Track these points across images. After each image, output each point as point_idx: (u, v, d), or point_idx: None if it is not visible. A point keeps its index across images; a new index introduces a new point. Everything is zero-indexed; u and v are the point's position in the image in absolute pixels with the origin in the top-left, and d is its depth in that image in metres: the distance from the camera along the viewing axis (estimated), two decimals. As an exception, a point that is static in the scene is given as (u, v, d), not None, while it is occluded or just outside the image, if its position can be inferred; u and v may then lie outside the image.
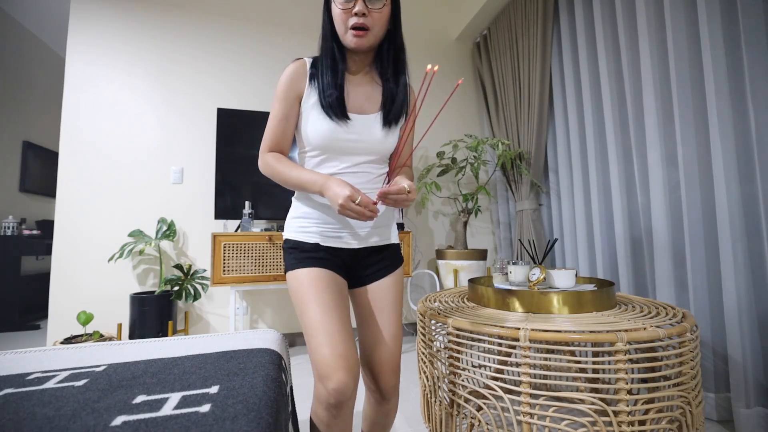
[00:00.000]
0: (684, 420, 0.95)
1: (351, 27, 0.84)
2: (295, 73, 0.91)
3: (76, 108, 2.34)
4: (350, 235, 0.92)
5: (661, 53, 1.68)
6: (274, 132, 0.91)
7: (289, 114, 0.90)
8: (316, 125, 0.87)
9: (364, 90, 0.94)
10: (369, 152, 0.92)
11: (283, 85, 0.91)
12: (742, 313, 1.35)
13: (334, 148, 0.89)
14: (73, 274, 2.26)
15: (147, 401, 0.65)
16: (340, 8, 0.84)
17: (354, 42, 0.85)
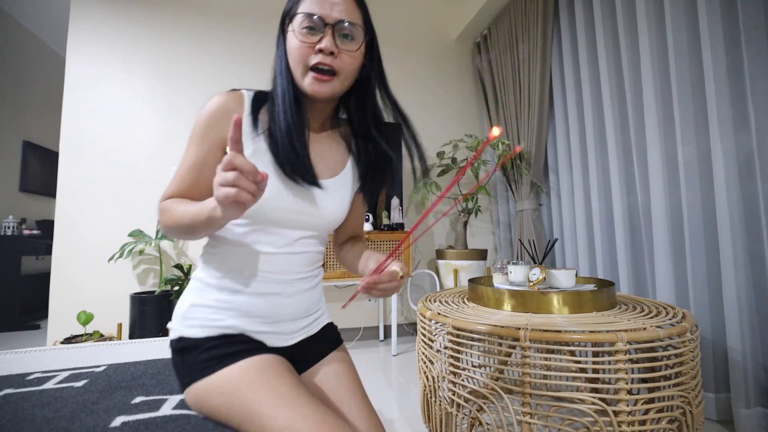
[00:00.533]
0: (684, 420, 0.95)
1: (312, 67, 0.65)
2: (225, 108, 0.67)
3: (76, 108, 2.34)
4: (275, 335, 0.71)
5: (661, 52, 1.68)
6: (181, 182, 0.66)
7: (205, 162, 0.66)
8: None
9: (321, 149, 0.75)
10: (314, 227, 0.72)
11: (204, 122, 0.66)
12: (742, 313, 1.35)
13: (273, 219, 0.67)
14: (73, 274, 2.26)
15: (146, 401, 0.65)
16: (300, 39, 0.64)
17: (313, 88, 0.65)
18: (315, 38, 0.64)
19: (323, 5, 0.64)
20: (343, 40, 0.66)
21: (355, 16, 0.68)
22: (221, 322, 0.66)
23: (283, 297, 0.71)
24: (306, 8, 0.64)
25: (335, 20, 0.64)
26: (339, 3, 0.65)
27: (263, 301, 0.69)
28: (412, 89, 3.03)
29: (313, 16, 0.63)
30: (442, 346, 1.14)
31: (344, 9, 0.65)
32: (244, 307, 0.67)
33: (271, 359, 0.64)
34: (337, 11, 0.65)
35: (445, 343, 1.12)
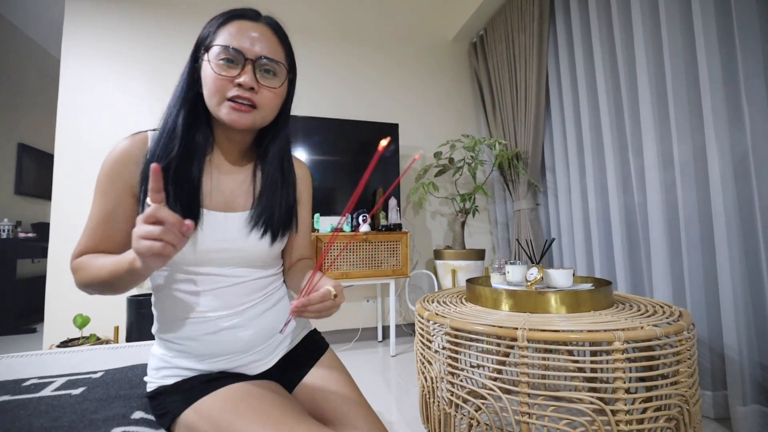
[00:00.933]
0: (681, 418, 0.95)
1: (230, 98, 0.62)
2: (128, 154, 0.63)
3: (71, 110, 2.33)
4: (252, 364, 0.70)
5: (656, 52, 1.69)
6: (92, 237, 0.62)
7: (115, 213, 0.63)
8: None
9: (240, 179, 0.71)
10: (241, 261, 0.69)
11: (108, 172, 0.63)
12: (738, 311, 1.36)
13: (202, 260, 0.65)
14: (69, 277, 2.23)
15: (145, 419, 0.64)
16: (217, 72, 0.61)
17: (231, 118, 0.62)
18: (234, 72, 0.62)
19: (243, 38, 0.62)
20: (264, 75, 0.64)
21: (278, 52, 0.66)
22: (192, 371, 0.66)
23: (240, 329, 0.68)
24: (224, 40, 0.62)
25: (256, 56, 0.62)
26: (260, 38, 0.63)
27: (221, 337, 0.66)
28: (409, 89, 3.03)
29: (231, 49, 0.61)
30: (441, 347, 1.14)
31: (266, 44, 0.64)
32: (207, 350, 0.66)
33: (253, 385, 0.64)
34: (259, 47, 0.63)
35: (443, 344, 1.13)
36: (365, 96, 2.89)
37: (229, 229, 0.67)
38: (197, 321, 0.66)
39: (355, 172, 2.58)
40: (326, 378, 0.73)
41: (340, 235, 2.26)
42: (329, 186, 2.52)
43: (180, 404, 0.62)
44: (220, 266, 0.67)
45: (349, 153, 2.59)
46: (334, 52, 2.86)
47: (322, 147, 2.53)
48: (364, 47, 2.93)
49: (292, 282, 0.77)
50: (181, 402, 0.62)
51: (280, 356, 0.74)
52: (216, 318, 0.66)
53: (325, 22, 2.87)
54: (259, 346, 0.71)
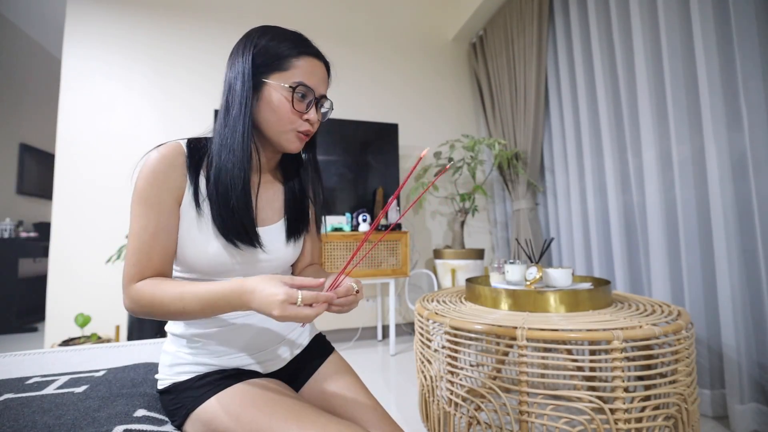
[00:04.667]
0: (680, 416, 0.96)
1: (300, 131, 0.67)
2: (169, 160, 0.63)
3: (72, 110, 2.33)
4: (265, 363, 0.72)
5: (654, 53, 1.69)
6: (147, 252, 0.61)
7: (167, 224, 0.62)
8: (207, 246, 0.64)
9: (267, 195, 0.74)
10: (268, 270, 0.71)
11: (152, 180, 0.61)
12: (736, 310, 1.37)
13: (223, 273, 0.67)
14: (71, 276, 2.25)
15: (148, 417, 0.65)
16: (292, 105, 0.65)
17: (294, 146, 0.68)
18: (303, 105, 0.66)
19: (315, 77, 0.67)
20: (319, 111, 0.70)
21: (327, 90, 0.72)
22: (208, 367, 0.67)
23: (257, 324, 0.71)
24: (302, 76, 0.65)
25: (320, 95, 0.69)
26: (323, 78, 0.70)
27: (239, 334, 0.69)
28: (409, 90, 3.03)
29: (310, 88, 0.66)
30: (440, 346, 1.15)
31: (325, 85, 0.71)
32: (224, 346, 0.68)
33: (268, 381, 0.66)
34: (322, 87, 0.69)
35: (442, 343, 1.13)
36: (365, 96, 2.90)
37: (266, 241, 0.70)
38: (218, 320, 0.68)
39: (356, 172, 2.59)
40: (333, 378, 0.75)
41: (340, 235, 2.26)
42: (329, 186, 2.52)
43: (196, 399, 0.62)
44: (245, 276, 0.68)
45: (349, 153, 2.59)
46: (334, 52, 2.84)
47: (322, 147, 2.53)
48: (364, 47, 2.94)
49: None
50: (197, 396, 0.62)
51: (291, 357, 0.76)
52: (237, 317, 0.69)
53: (325, 22, 2.87)
54: (273, 345, 0.73)
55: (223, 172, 0.63)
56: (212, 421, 0.59)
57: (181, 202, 0.64)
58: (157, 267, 0.62)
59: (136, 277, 0.61)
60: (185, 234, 0.64)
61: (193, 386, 0.64)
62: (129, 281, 0.61)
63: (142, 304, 0.59)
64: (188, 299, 0.57)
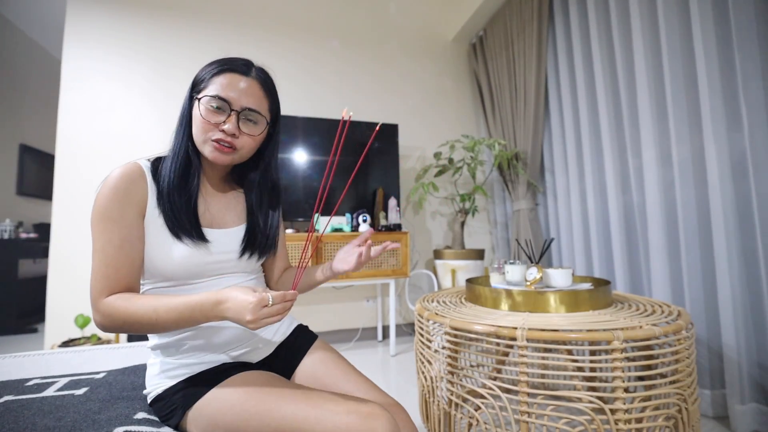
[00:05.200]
0: (680, 417, 0.96)
1: (214, 139, 0.68)
2: (131, 175, 0.67)
3: (72, 111, 2.33)
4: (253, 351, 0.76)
5: (654, 53, 1.69)
6: (113, 267, 0.63)
7: (130, 236, 0.65)
8: (170, 251, 0.67)
9: (225, 200, 0.79)
10: (234, 268, 0.76)
11: (114, 197, 0.64)
12: (736, 311, 1.37)
13: (194, 273, 0.70)
14: (71, 277, 2.25)
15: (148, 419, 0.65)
16: (204, 118, 0.68)
17: (213, 156, 0.69)
18: (220, 118, 0.68)
19: (233, 90, 0.69)
20: (246, 123, 0.71)
21: (262, 104, 0.73)
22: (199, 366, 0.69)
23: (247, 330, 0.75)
24: (216, 90, 0.68)
25: (241, 107, 0.69)
26: (247, 91, 0.70)
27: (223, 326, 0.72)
28: (409, 90, 3.03)
29: (219, 98, 0.68)
30: (440, 346, 1.15)
31: (252, 98, 0.71)
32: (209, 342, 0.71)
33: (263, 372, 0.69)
34: (245, 99, 0.70)
35: (443, 343, 1.13)
36: (365, 96, 2.90)
37: (226, 242, 0.74)
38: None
39: (356, 172, 2.59)
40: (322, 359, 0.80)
41: (340, 235, 2.26)
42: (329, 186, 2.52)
43: (192, 395, 0.64)
44: (217, 276, 0.73)
45: (349, 153, 2.59)
46: (335, 53, 2.86)
47: (322, 147, 2.53)
48: (364, 48, 2.94)
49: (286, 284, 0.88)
50: (193, 393, 0.64)
51: (277, 344, 0.81)
52: None
53: (325, 22, 2.87)
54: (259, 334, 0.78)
55: (167, 177, 0.69)
56: (216, 413, 0.60)
57: (144, 215, 0.67)
58: (125, 280, 0.64)
59: (105, 291, 0.62)
60: (153, 243, 0.67)
61: (185, 386, 0.66)
62: (98, 296, 0.62)
63: (114, 318, 0.60)
64: (162, 311, 0.58)
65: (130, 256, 0.64)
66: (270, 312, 0.55)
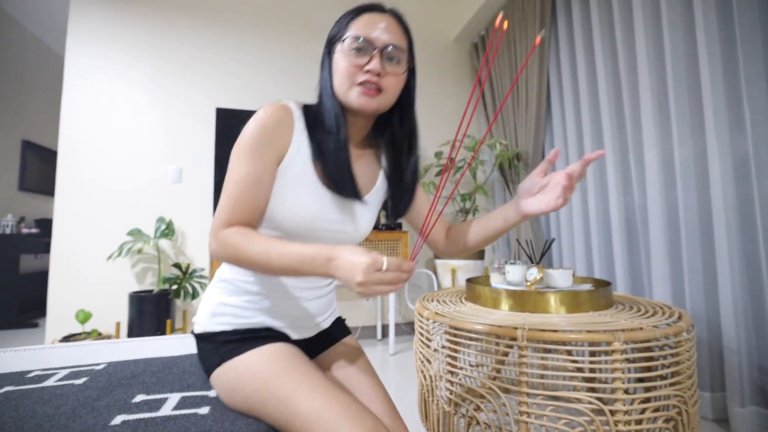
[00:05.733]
0: (680, 419, 0.95)
1: (360, 82, 0.66)
2: (280, 118, 0.66)
3: (75, 107, 2.34)
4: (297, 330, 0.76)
5: (657, 53, 1.69)
6: (239, 203, 0.62)
7: (263, 178, 0.64)
8: (305, 204, 0.66)
9: (358, 165, 0.75)
10: (347, 241, 0.73)
11: (260, 136, 0.64)
12: (737, 313, 1.36)
13: (311, 236, 0.68)
14: (72, 273, 2.26)
15: (146, 401, 0.65)
16: (348, 62, 0.66)
17: (360, 102, 0.67)
18: (363, 60, 0.66)
19: (373, 29, 0.67)
20: (389, 62, 0.68)
21: (402, 41, 0.71)
22: (249, 320, 0.70)
23: (306, 300, 0.75)
24: (355, 31, 0.67)
25: (383, 44, 0.67)
26: (387, 28, 0.68)
27: (289, 304, 0.73)
28: (411, 89, 3.03)
29: (362, 39, 0.66)
30: (440, 346, 1.15)
31: (393, 35, 0.69)
32: (271, 309, 0.71)
33: (295, 348, 0.67)
34: (386, 37, 0.68)
35: (442, 343, 1.13)
36: (367, 95, 2.89)
37: (350, 210, 0.72)
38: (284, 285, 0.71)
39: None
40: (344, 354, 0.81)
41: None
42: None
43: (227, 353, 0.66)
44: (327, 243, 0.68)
45: (351, 152, 2.59)
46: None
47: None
48: (367, 47, 2.93)
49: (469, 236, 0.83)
50: (229, 351, 0.66)
51: (317, 331, 0.80)
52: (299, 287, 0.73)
53: (327, 21, 2.86)
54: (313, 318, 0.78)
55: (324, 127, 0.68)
56: (239, 380, 0.62)
57: (281, 161, 0.66)
58: (248, 217, 0.63)
59: (227, 222, 0.62)
60: (280, 192, 0.66)
61: (227, 340, 0.67)
62: (219, 225, 0.62)
63: (228, 250, 0.61)
64: (274, 256, 0.58)
65: (257, 195, 0.64)
66: (382, 278, 0.51)
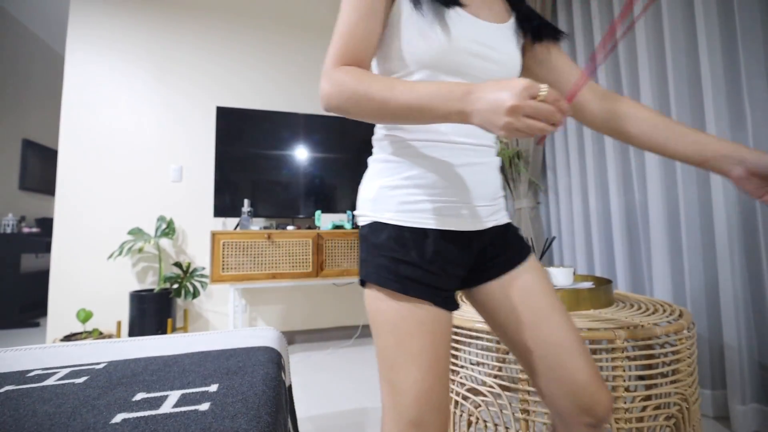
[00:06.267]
0: (681, 417, 0.95)
1: None
2: None
3: (75, 106, 2.34)
4: (470, 211, 0.63)
5: (658, 51, 1.68)
6: (352, 35, 0.57)
7: (377, 8, 0.58)
8: (432, 30, 0.57)
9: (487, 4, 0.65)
10: (496, 75, 0.62)
11: None
12: (738, 311, 1.36)
13: (453, 66, 0.59)
14: (73, 272, 2.26)
15: (147, 399, 0.66)
16: None
17: None
18: None
19: None
20: None
21: None
22: (416, 206, 0.60)
23: (476, 167, 0.63)
24: None
25: None
26: None
27: (463, 172, 0.62)
28: (412, 87, 3.03)
29: None
30: (441, 344, 1.15)
31: None
32: (439, 183, 0.61)
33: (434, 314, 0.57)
34: None
35: (443, 341, 1.13)
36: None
37: (494, 35, 0.62)
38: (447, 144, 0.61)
39: (357, 169, 2.59)
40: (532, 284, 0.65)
41: (342, 232, 2.26)
42: (330, 183, 2.53)
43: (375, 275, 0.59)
44: (475, 78, 0.61)
45: (351, 151, 2.59)
46: (337, 50, 2.86)
47: (324, 145, 2.53)
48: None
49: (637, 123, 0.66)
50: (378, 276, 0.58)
51: (491, 224, 0.66)
52: (462, 145, 0.62)
53: (328, 20, 2.87)
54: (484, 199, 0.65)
55: None
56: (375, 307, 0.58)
57: None
58: (360, 53, 0.57)
59: (341, 60, 0.56)
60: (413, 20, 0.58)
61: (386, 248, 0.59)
62: (333, 63, 0.56)
63: (344, 88, 0.53)
64: (399, 90, 0.50)
65: (370, 28, 0.57)
66: (537, 108, 0.42)
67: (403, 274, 0.57)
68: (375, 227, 0.61)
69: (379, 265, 0.59)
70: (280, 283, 2.17)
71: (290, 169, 2.45)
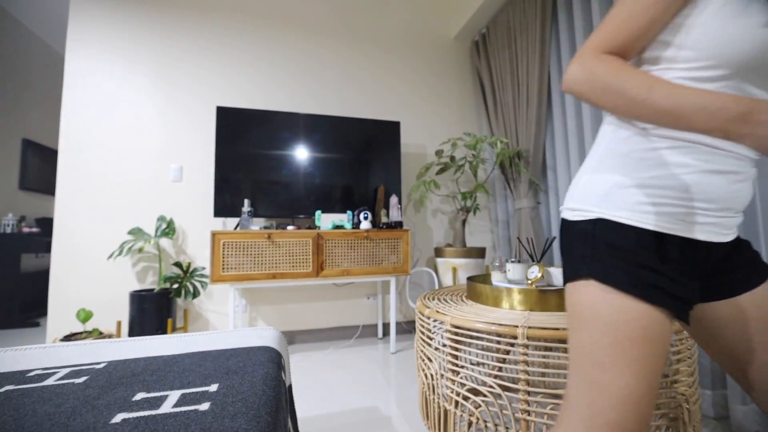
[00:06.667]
0: (682, 417, 0.95)
1: None
2: None
3: (75, 106, 2.34)
4: (717, 221, 0.56)
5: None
6: (633, 22, 0.52)
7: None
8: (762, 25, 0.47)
9: None
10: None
11: None
12: (739, 311, 1.36)
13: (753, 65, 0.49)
14: (73, 272, 2.26)
15: (147, 398, 0.65)
16: None
17: None
18: None
19: None
20: None
21: None
22: (659, 208, 0.54)
23: (732, 176, 0.55)
24: None
25: None
26: None
27: (716, 179, 0.54)
28: (411, 87, 3.03)
29: None
30: (441, 344, 1.15)
31: None
32: (693, 188, 0.53)
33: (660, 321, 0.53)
34: None
35: (443, 341, 1.13)
36: (367, 94, 2.90)
37: None
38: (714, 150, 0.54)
39: (357, 170, 2.59)
40: None
41: (341, 233, 2.26)
42: (330, 183, 2.53)
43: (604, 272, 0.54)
44: None
45: (351, 151, 2.59)
46: (337, 50, 2.86)
47: (324, 145, 2.53)
48: (366, 45, 2.93)
49: None
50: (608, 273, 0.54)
51: (732, 237, 0.60)
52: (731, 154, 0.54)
53: (328, 20, 2.87)
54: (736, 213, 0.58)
55: None
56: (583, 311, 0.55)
57: None
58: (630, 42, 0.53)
59: (605, 48, 0.53)
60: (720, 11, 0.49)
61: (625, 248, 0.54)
62: (594, 48, 0.53)
63: (597, 77, 0.51)
64: (658, 93, 0.46)
65: (655, 19, 0.51)
66: None
67: (645, 279, 0.53)
68: (605, 225, 0.56)
69: (613, 265, 0.54)
70: (281, 283, 2.17)
71: (290, 169, 2.45)
